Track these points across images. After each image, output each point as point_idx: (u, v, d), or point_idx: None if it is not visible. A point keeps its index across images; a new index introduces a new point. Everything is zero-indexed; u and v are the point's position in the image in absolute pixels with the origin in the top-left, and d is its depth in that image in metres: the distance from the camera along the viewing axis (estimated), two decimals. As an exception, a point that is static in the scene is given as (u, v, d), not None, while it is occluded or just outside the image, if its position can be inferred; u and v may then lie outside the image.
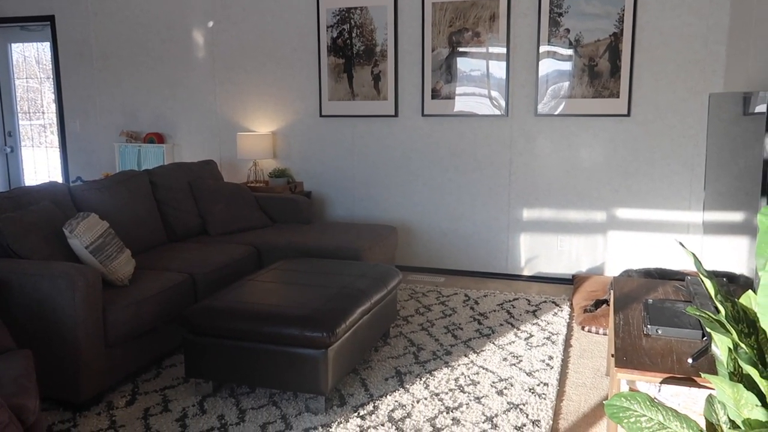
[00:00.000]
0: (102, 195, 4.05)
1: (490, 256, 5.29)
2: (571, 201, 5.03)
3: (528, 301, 4.58)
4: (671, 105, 4.69)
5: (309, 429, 2.83)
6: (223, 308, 3.08)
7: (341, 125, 5.55)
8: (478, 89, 5.09)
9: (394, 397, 3.13)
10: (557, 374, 3.37)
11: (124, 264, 3.42)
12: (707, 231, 3.94)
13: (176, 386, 3.28)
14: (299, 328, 2.90)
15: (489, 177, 5.20)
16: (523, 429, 2.82)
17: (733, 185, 3.28)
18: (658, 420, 1.88)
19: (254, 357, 3.00)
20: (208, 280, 3.82)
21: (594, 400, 3.11)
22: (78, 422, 2.91)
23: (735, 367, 1.77)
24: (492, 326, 4.08)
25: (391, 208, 5.51)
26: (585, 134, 4.92)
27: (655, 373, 2.36)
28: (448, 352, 3.68)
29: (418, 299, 4.65)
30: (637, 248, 4.92)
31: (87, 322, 2.93)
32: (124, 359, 3.22)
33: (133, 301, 3.22)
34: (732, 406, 1.70)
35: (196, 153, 6.07)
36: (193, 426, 2.87)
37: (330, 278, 3.50)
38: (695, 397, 2.60)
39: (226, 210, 4.82)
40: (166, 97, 6.10)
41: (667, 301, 3.02)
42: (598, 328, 3.98)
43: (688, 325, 2.72)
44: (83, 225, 3.31)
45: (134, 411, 3.02)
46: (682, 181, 4.74)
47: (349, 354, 3.14)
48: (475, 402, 3.07)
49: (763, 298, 1.59)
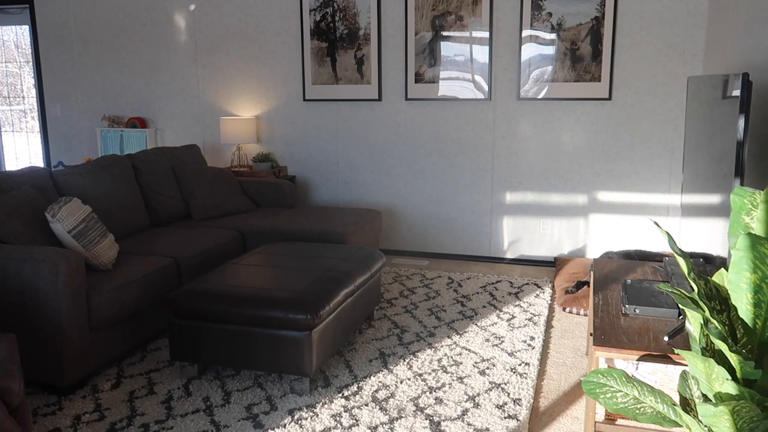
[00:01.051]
0: (84, 180, 4.03)
1: (473, 240, 5.34)
2: (553, 184, 5.08)
3: (510, 284, 4.63)
4: (652, 89, 4.74)
5: (294, 410, 2.86)
6: (207, 291, 3.09)
7: (325, 109, 5.55)
8: (462, 73, 5.11)
9: (378, 377, 3.17)
10: (538, 354, 3.43)
11: (108, 248, 3.42)
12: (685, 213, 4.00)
13: (161, 369, 3.30)
14: (283, 310, 2.92)
15: (472, 161, 5.23)
16: (504, 407, 2.87)
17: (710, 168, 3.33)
18: (634, 395, 1.93)
19: (239, 339, 3.02)
20: (192, 265, 3.82)
21: (574, 379, 3.17)
22: (63, 405, 2.93)
23: (707, 343, 1.82)
24: (475, 308, 4.13)
25: (375, 192, 5.53)
26: (567, 118, 4.96)
27: (632, 350, 2.42)
28: (431, 333, 3.72)
29: (402, 282, 4.68)
30: (618, 231, 4.99)
31: (70, 306, 2.93)
32: (108, 343, 3.23)
33: (117, 286, 3.23)
34: (704, 380, 1.75)
35: (179, 137, 6.04)
36: (179, 408, 2.89)
37: (314, 261, 3.52)
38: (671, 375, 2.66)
39: (210, 194, 4.82)
40: (148, 81, 6.05)
41: (645, 281, 3.08)
42: (579, 309, 4.05)
43: (665, 304, 2.77)
44: (65, 209, 3.30)
45: (119, 394, 3.04)
46: (661, 165, 4.80)
47: (333, 336, 3.17)
48: (457, 382, 3.12)
49: (734, 275, 1.64)
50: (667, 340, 2.46)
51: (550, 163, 5.06)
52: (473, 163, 5.23)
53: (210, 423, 2.76)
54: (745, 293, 1.65)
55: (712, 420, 1.68)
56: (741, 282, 1.64)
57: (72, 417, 2.82)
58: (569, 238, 5.11)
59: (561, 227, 5.11)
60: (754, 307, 1.65)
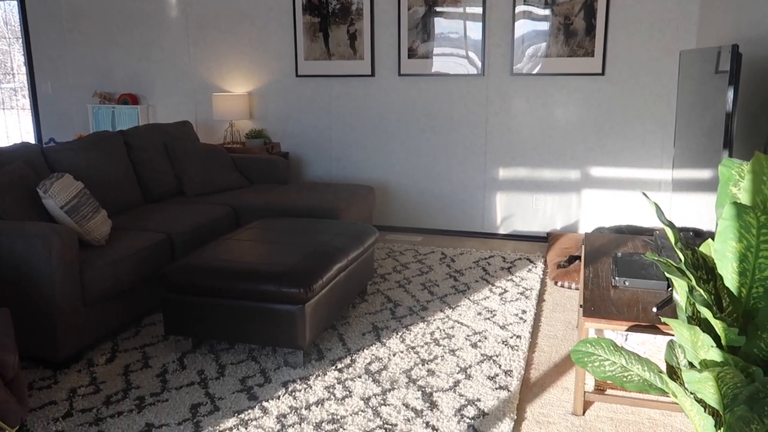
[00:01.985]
0: (76, 156, 4.02)
1: (466, 215, 5.36)
2: (546, 160, 5.08)
3: (503, 259, 4.66)
4: (645, 64, 4.73)
5: (288, 382, 2.90)
6: (200, 266, 3.10)
7: (318, 85, 5.52)
8: (455, 49, 5.08)
9: (371, 350, 3.20)
10: (530, 327, 3.46)
11: (100, 224, 3.42)
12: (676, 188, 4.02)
13: (156, 344, 3.32)
14: (276, 284, 2.94)
15: (465, 137, 5.23)
16: (495, 379, 2.91)
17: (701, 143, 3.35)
18: (621, 363, 1.96)
19: (233, 314, 3.05)
20: (185, 240, 3.83)
21: (564, 351, 3.21)
22: (59, 379, 2.95)
23: (693, 312, 1.85)
24: (467, 283, 4.16)
25: (368, 168, 5.53)
26: (560, 93, 4.95)
27: (621, 321, 2.45)
28: (424, 307, 3.75)
29: (395, 258, 4.71)
30: (611, 206, 5.02)
31: (64, 281, 2.94)
32: (103, 318, 3.25)
33: (110, 261, 3.24)
34: (690, 348, 1.78)
35: (172, 114, 6.01)
36: (174, 381, 2.92)
37: (307, 236, 3.53)
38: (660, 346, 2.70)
39: (203, 171, 4.81)
40: (139, 57, 6.00)
41: (635, 254, 3.11)
42: (570, 283, 4.08)
43: (655, 276, 2.81)
44: (57, 185, 3.30)
45: (114, 368, 3.06)
46: (654, 140, 4.81)
47: (326, 310, 3.20)
48: (449, 354, 3.16)
49: (720, 244, 1.66)
50: (656, 310, 2.49)
51: (543, 139, 5.06)
52: (466, 139, 5.23)
53: (205, 395, 2.79)
54: (730, 262, 1.67)
55: (697, 386, 1.71)
56: (726, 251, 1.66)
57: (67, 390, 2.85)
58: (562, 214, 5.14)
59: (554, 203, 5.13)
60: (739, 276, 1.67)
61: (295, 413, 2.64)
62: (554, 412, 2.66)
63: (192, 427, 2.55)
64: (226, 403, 2.73)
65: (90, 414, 2.65)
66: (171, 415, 2.64)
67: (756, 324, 1.68)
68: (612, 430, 2.52)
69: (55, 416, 2.64)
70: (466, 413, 2.62)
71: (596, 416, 2.62)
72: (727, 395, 1.68)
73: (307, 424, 2.55)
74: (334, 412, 2.64)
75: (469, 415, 2.61)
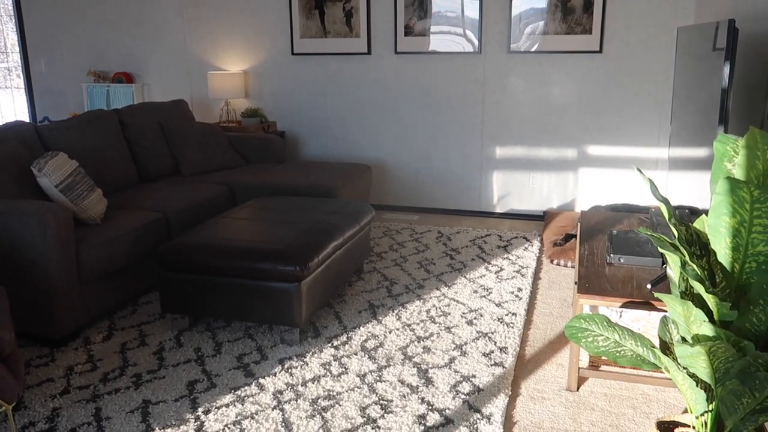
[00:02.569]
0: (70, 134, 4.00)
1: (463, 194, 5.35)
2: (542, 139, 5.07)
3: (499, 237, 4.67)
4: (642, 41, 4.70)
5: (284, 359, 2.91)
6: (197, 244, 3.10)
7: (314, 63, 5.48)
8: (452, 27, 5.04)
9: (367, 328, 3.22)
10: (525, 305, 3.48)
11: (96, 203, 3.41)
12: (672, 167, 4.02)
13: (152, 322, 3.33)
14: (272, 262, 2.95)
15: (462, 115, 5.21)
16: (491, 355, 2.93)
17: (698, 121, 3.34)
18: (614, 339, 1.97)
19: (229, 292, 3.05)
20: (181, 219, 3.83)
21: (559, 328, 3.23)
22: (56, 357, 2.96)
23: (686, 288, 1.86)
24: (464, 261, 4.17)
25: (364, 147, 5.51)
26: (557, 72, 4.93)
27: (616, 298, 2.46)
28: (420, 285, 3.76)
29: (391, 236, 4.71)
30: (607, 185, 5.01)
31: (59, 260, 2.94)
32: (99, 297, 3.25)
33: (106, 240, 3.23)
34: (682, 323, 1.79)
35: (167, 93, 5.97)
36: (170, 358, 2.94)
37: (303, 215, 3.53)
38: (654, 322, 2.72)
39: (199, 150, 4.79)
40: (133, 35, 5.95)
41: (630, 232, 3.11)
42: (566, 261, 4.09)
43: (650, 253, 2.81)
44: (52, 164, 3.29)
45: (111, 346, 3.08)
46: (651, 118, 4.80)
47: (322, 288, 3.21)
48: (445, 331, 3.17)
49: (713, 219, 1.66)
50: (650, 287, 2.50)
51: (539, 117, 5.04)
52: (463, 117, 5.21)
53: (201, 372, 2.81)
54: (723, 237, 1.68)
55: (689, 361, 1.72)
56: (720, 226, 1.67)
57: (65, 368, 2.86)
58: (558, 192, 5.14)
59: (550, 181, 5.13)
60: (732, 251, 1.68)
61: (292, 390, 2.66)
62: (549, 387, 2.68)
63: (189, 403, 2.57)
64: (222, 380, 2.75)
65: (87, 391, 2.67)
66: (168, 392, 2.65)
67: (748, 299, 1.68)
68: (606, 406, 2.54)
69: (53, 393, 2.65)
70: (461, 389, 2.64)
71: (590, 392, 2.64)
72: (719, 369, 1.69)
73: (303, 401, 2.57)
74: (330, 389, 2.66)
75: (464, 391, 2.63)
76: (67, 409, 2.54)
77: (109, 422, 2.45)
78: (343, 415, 2.47)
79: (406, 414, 2.47)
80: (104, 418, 2.48)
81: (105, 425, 2.43)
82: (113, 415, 2.50)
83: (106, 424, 2.44)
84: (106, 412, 2.52)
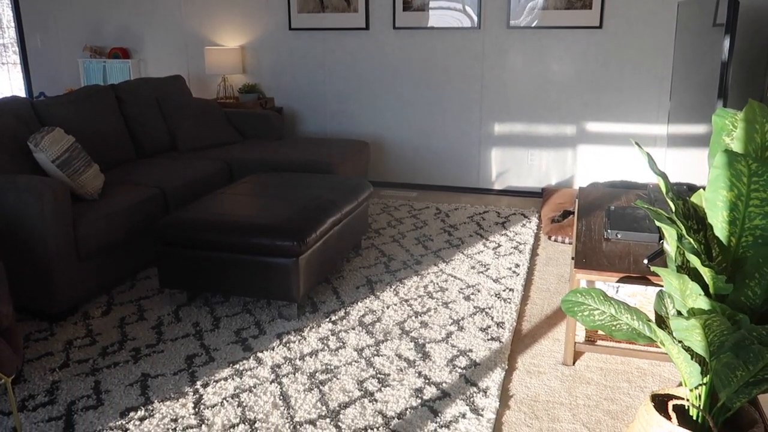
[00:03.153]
0: (66, 110, 3.98)
1: (461, 171, 5.34)
2: (541, 115, 5.05)
3: (497, 214, 4.67)
4: (643, 16, 4.66)
5: (282, 334, 2.93)
6: (195, 220, 3.10)
7: (311, 39, 5.44)
8: (451, 2, 4.99)
9: (364, 303, 3.23)
10: (522, 280, 3.49)
11: (93, 178, 3.40)
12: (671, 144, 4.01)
13: (151, 297, 3.34)
14: (270, 237, 2.95)
15: (461, 92, 5.18)
16: (487, 330, 2.94)
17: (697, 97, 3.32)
18: (611, 313, 1.98)
19: (227, 267, 3.06)
20: (178, 195, 3.82)
21: (556, 304, 3.25)
22: (55, 331, 2.97)
23: (683, 262, 1.86)
24: (462, 237, 4.18)
25: (363, 123, 5.49)
26: (556, 47, 4.89)
27: (612, 273, 2.47)
28: (418, 261, 3.77)
29: (389, 213, 4.71)
30: (606, 162, 5.00)
31: (57, 235, 2.94)
32: (98, 272, 3.26)
33: (103, 215, 3.23)
34: (678, 297, 1.80)
35: (163, 68, 5.93)
36: (169, 333, 2.95)
37: (301, 190, 3.53)
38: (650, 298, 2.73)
39: (196, 126, 4.77)
40: (129, 10, 5.89)
41: (628, 207, 3.11)
42: (564, 237, 4.10)
43: (647, 229, 2.82)
44: (48, 139, 3.27)
45: (110, 320, 3.09)
46: (650, 95, 4.77)
47: (320, 263, 3.21)
48: (442, 307, 3.19)
49: (710, 193, 1.66)
50: (647, 262, 2.51)
51: (538, 94, 5.02)
52: (462, 93, 5.18)
53: (200, 347, 2.82)
54: (720, 211, 1.68)
55: (685, 334, 1.73)
56: (717, 200, 1.66)
57: (64, 342, 2.87)
58: (557, 169, 5.13)
59: (549, 158, 5.12)
60: (729, 225, 1.68)
61: (290, 363, 2.67)
62: (545, 362, 2.70)
63: (188, 376, 2.58)
64: (221, 354, 2.76)
65: (86, 365, 2.68)
66: (167, 366, 2.67)
67: (744, 272, 1.69)
68: (601, 379, 2.56)
69: (52, 367, 2.67)
70: (458, 363, 2.66)
71: (586, 366, 2.66)
72: (713, 343, 1.70)
73: (301, 374, 2.59)
74: (327, 363, 2.68)
75: (461, 365, 2.65)
76: (66, 382, 2.56)
77: (109, 395, 2.46)
78: (340, 389, 2.49)
79: (403, 387, 2.49)
80: (104, 391, 2.49)
81: (104, 398, 2.45)
82: (112, 388, 2.51)
83: (105, 396, 2.46)
84: (105, 385, 2.53)
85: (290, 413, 2.34)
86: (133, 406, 2.40)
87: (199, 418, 2.31)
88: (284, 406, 2.38)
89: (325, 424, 2.28)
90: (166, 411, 2.36)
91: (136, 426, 2.28)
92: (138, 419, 2.32)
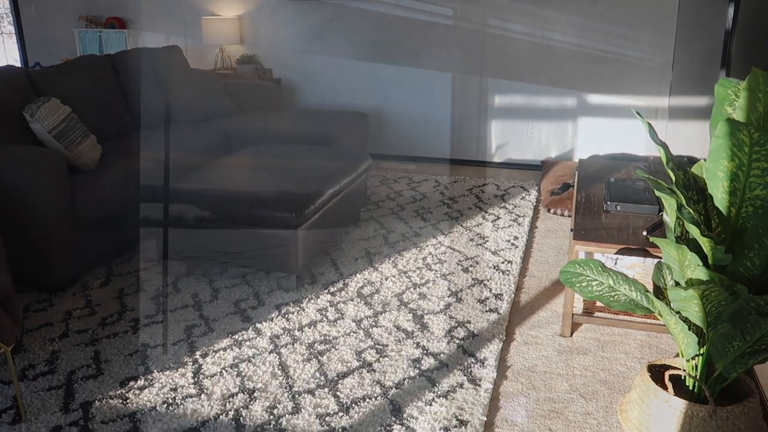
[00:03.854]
0: (62, 80, 3.93)
1: (460, 144, 5.32)
2: (542, 87, 5.00)
3: (497, 186, 4.66)
4: (646, -14, 4.59)
5: (281, 305, 2.93)
6: (193, 191, 3.09)
7: (310, 8, 5.36)
8: (451, -30, 4.92)
9: (363, 275, 3.23)
10: (521, 253, 3.49)
11: (90, 149, 3.38)
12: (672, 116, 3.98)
13: (150, 268, 3.34)
14: (269, 209, 2.94)
15: (461, 63, 5.12)
16: (486, 302, 2.95)
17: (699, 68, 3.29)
18: (609, 284, 1.98)
19: (226, 238, 3.05)
20: (176, 166, 3.79)
21: (555, 276, 3.25)
22: (54, 302, 2.98)
23: (682, 232, 1.85)
24: (461, 210, 4.17)
25: (361, 95, 5.44)
26: (558, 17, 4.82)
27: (611, 244, 2.47)
28: (416, 234, 3.77)
29: (389, 185, 4.70)
30: (607, 135, 4.97)
31: (54, 205, 2.93)
32: (96, 243, 3.25)
33: (101, 185, 3.22)
34: (677, 267, 1.80)
35: (160, 38, 5.85)
36: (168, 304, 2.96)
37: (299, 162, 3.51)
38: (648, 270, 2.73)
39: (194, 97, 4.73)
40: (124, -22, 5.80)
41: (628, 180, 3.10)
42: (563, 210, 4.09)
43: (647, 201, 2.81)
44: (44, 109, 3.24)
45: (109, 291, 3.09)
46: (653, 67, 4.72)
47: (319, 235, 3.21)
48: (441, 279, 3.19)
49: (711, 163, 1.65)
50: (646, 233, 2.51)
51: (540, 65, 4.96)
52: (462, 65, 5.12)
53: (199, 318, 2.83)
54: (721, 182, 1.66)
55: (682, 304, 1.73)
56: (718, 170, 1.65)
57: (63, 312, 2.88)
58: (557, 142, 5.10)
59: (549, 130, 5.09)
60: (730, 195, 1.67)
61: (288, 334, 2.68)
62: (542, 333, 2.71)
63: (187, 347, 2.59)
64: (220, 324, 2.77)
65: (86, 335, 2.69)
66: (166, 336, 2.68)
67: (743, 243, 1.68)
68: (598, 351, 2.57)
69: (52, 337, 2.68)
70: (456, 334, 2.67)
71: (584, 338, 2.67)
72: (711, 313, 1.71)
73: (299, 345, 2.60)
74: (326, 334, 2.69)
75: (459, 336, 2.66)
76: (66, 352, 2.57)
77: (108, 365, 2.48)
78: (338, 359, 2.50)
79: (401, 358, 2.50)
80: (103, 360, 2.51)
81: (104, 367, 2.46)
82: (112, 358, 2.53)
83: (105, 366, 2.47)
84: (105, 355, 2.55)
85: (289, 383, 2.35)
86: (133, 375, 2.41)
87: (198, 388, 2.33)
88: (283, 376, 2.40)
89: (323, 393, 2.29)
90: (165, 380, 2.37)
91: (136, 395, 2.29)
92: (138, 388, 2.33)
